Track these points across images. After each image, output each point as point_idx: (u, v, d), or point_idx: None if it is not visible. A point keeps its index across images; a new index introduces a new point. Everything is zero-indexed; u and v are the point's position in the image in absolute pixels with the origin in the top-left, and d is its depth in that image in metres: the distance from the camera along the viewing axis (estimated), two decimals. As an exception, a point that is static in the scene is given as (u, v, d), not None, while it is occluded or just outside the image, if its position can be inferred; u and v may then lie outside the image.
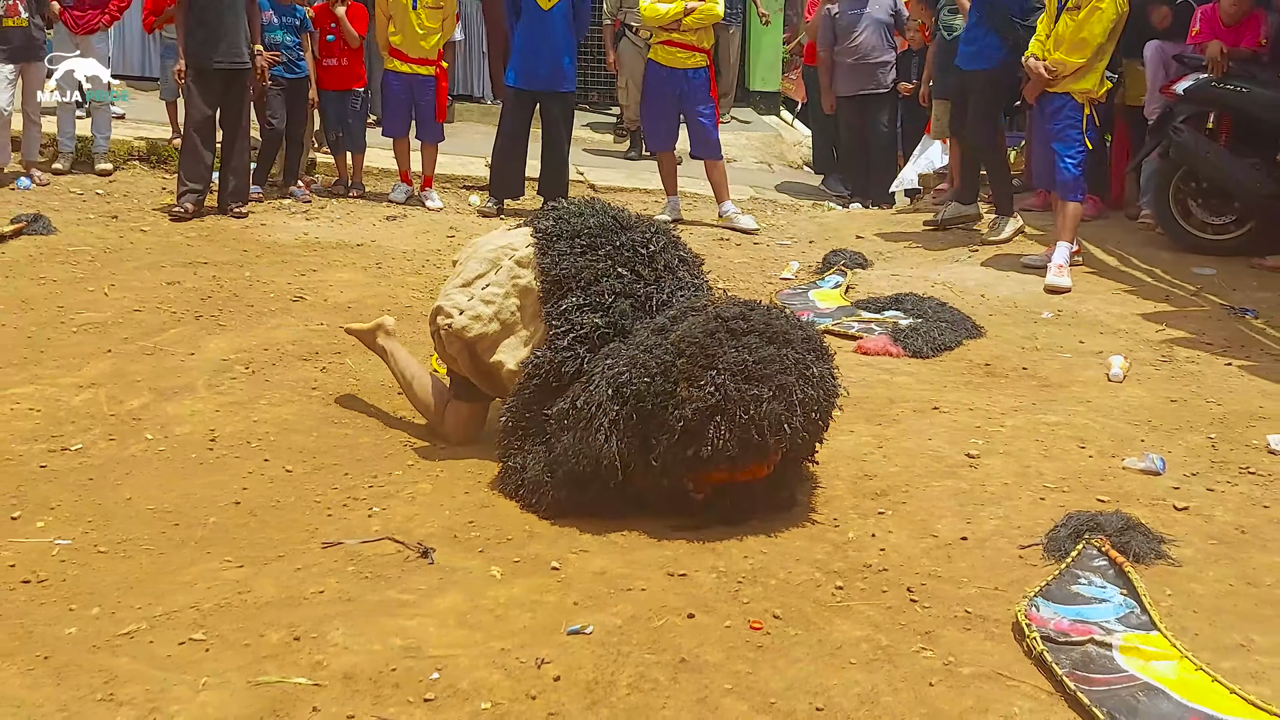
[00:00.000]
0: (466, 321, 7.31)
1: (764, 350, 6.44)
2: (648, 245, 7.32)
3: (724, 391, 6.30)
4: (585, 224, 7.37)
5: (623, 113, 19.52)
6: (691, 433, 6.37)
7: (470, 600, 5.93)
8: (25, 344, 9.47)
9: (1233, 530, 6.82)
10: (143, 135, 16.43)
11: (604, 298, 7.05)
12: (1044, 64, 11.86)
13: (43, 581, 6.06)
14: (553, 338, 7.08)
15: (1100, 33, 11.66)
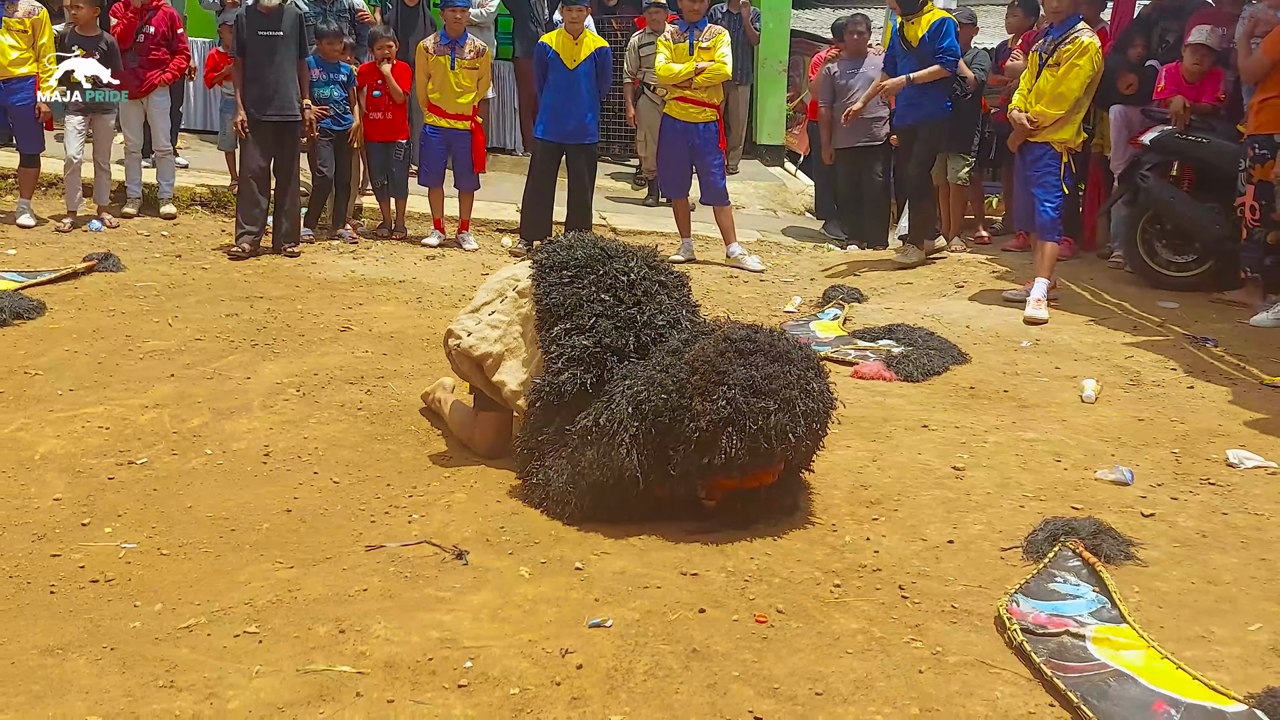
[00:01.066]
0: (474, 342, 7.55)
1: (769, 368, 6.52)
2: (629, 273, 7.40)
3: (735, 405, 6.37)
4: (574, 255, 7.52)
5: (641, 163, 19.50)
6: (706, 443, 6.43)
7: (501, 597, 5.97)
8: (96, 369, 9.48)
9: (1194, 535, 6.87)
10: (204, 182, 16.45)
11: (587, 320, 7.14)
12: (1026, 115, 11.93)
13: (110, 581, 6.09)
14: (549, 361, 7.20)
15: (1078, 88, 11.76)
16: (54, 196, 15.47)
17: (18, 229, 14.10)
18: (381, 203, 15.58)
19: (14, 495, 7.11)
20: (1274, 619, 5.87)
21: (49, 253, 13.10)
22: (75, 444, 7.93)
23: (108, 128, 14.69)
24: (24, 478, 7.37)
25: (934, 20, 13.86)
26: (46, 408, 8.59)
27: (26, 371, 9.35)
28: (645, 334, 7.16)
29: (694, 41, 13.83)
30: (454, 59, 14.65)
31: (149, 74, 15.07)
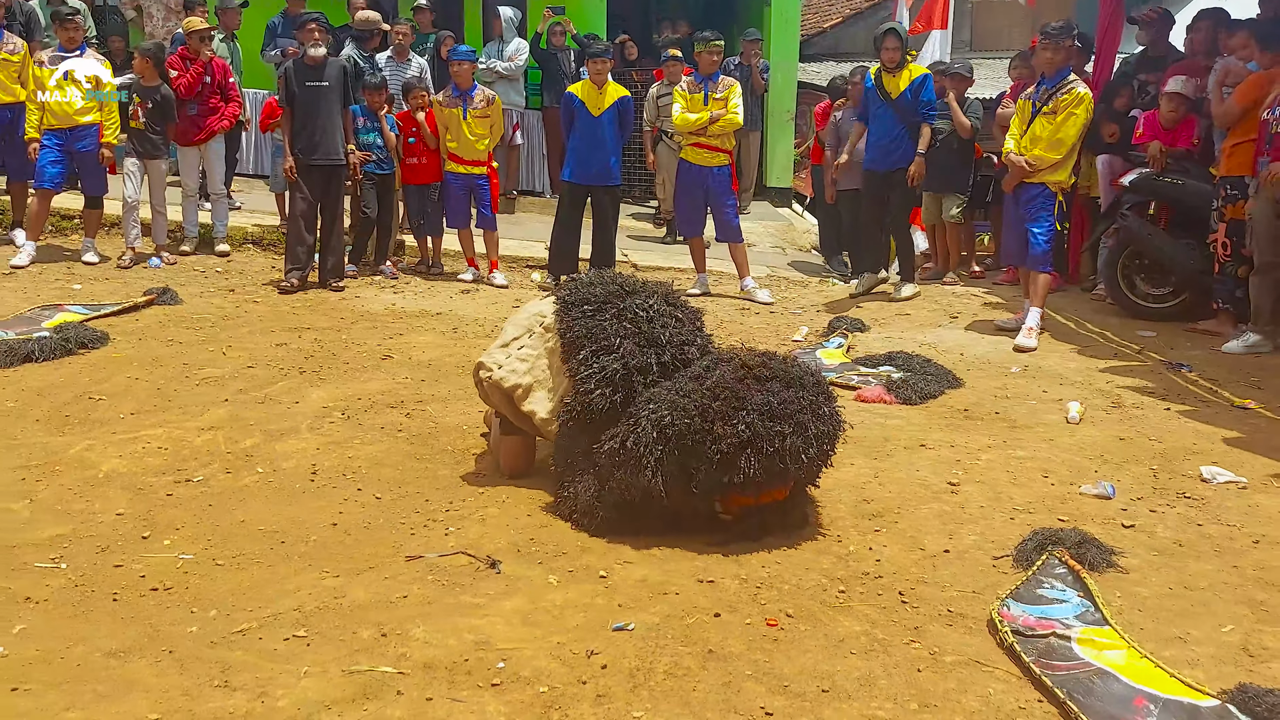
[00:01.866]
0: (504, 374, 7.57)
1: (784, 393, 6.65)
2: (647, 308, 7.42)
3: (753, 429, 6.47)
4: (594, 292, 7.58)
5: (660, 204, 19.57)
6: (727, 463, 6.48)
7: (531, 603, 5.99)
8: (156, 394, 9.49)
9: (1172, 544, 6.89)
10: (256, 222, 16.48)
11: (613, 342, 7.16)
12: (1024, 159, 11.92)
13: (169, 589, 6.11)
14: (578, 384, 7.19)
15: (1075, 135, 11.81)
16: (116, 236, 15.45)
17: (83, 266, 14.15)
18: (419, 241, 15.60)
19: (80, 510, 7.13)
20: (1245, 621, 5.92)
21: (112, 287, 13.13)
22: (136, 463, 7.96)
23: (160, 172, 14.71)
24: (89, 494, 7.39)
25: (915, 77, 14.00)
26: (110, 430, 8.61)
27: (91, 397, 9.37)
28: (668, 352, 7.21)
29: (708, 92, 13.89)
30: (465, 109, 14.69)
31: (206, 121, 15.10)
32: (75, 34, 14.22)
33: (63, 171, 14.30)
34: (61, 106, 14.03)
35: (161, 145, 14.65)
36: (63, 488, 7.48)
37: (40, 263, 14.05)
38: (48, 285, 13.11)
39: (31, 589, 6.05)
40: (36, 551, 6.52)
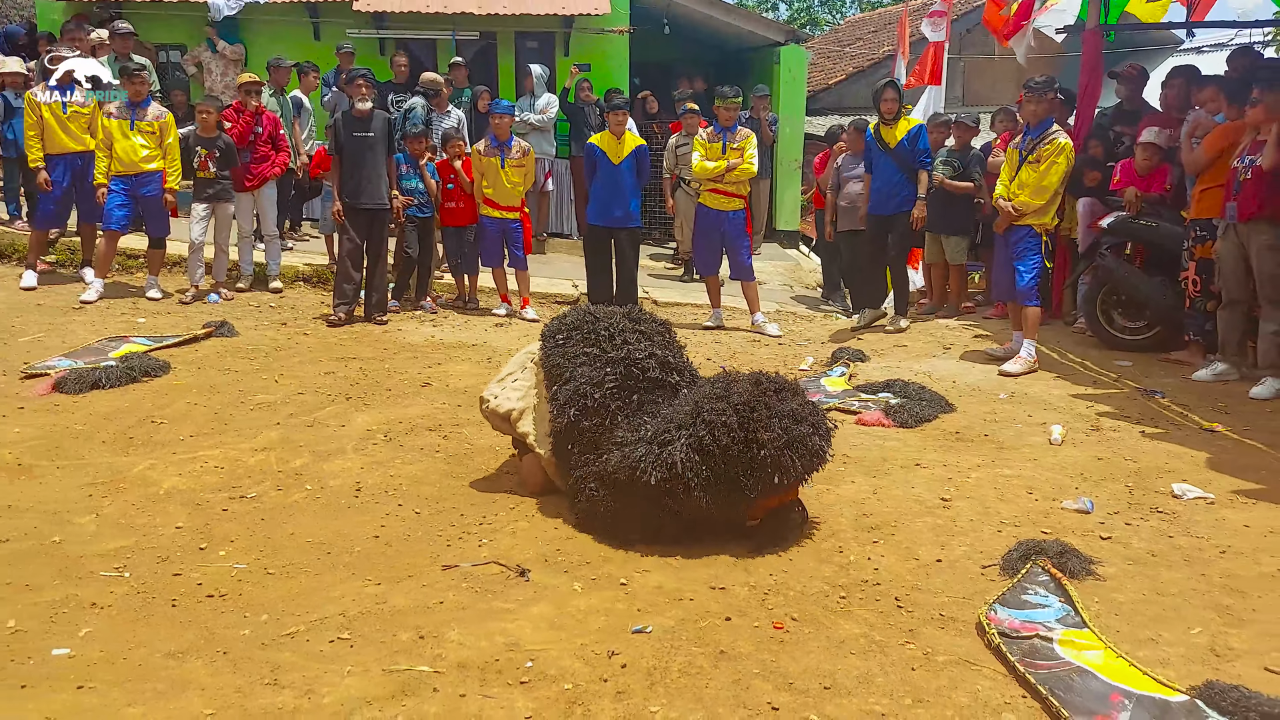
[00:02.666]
0: (500, 402, 7.96)
1: (796, 402, 6.98)
2: (609, 327, 7.82)
3: (789, 432, 6.74)
4: (566, 322, 8.03)
5: (678, 245, 19.59)
6: (775, 465, 6.71)
7: (557, 608, 6.02)
8: (213, 419, 9.52)
9: (1145, 554, 6.93)
10: (307, 261, 16.50)
11: (570, 371, 7.58)
12: (1011, 204, 12.03)
13: (223, 596, 6.14)
14: (553, 411, 7.54)
15: (1058, 181, 11.92)
16: (177, 273, 15.52)
17: (147, 301, 14.17)
18: (456, 279, 15.62)
19: (142, 524, 7.15)
20: (1212, 624, 5.97)
21: (173, 321, 13.15)
22: (195, 481, 7.99)
23: (227, 215, 14.77)
24: (151, 509, 7.42)
25: (911, 128, 14.15)
26: (170, 451, 8.64)
27: (154, 420, 9.40)
28: (621, 367, 7.50)
29: (726, 142, 13.91)
30: (503, 159, 14.70)
31: (258, 169, 15.16)
32: (141, 88, 14.26)
33: (129, 214, 14.34)
34: (128, 154, 14.06)
35: (227, 191, 14.70)
36: (127, 503, 7.51)
37: (107, 298, 14.08)
38: (114, 319, 13.15)
39: (97, 595, 6.08)
40: (101, 561, 6.55)
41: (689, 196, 18.14)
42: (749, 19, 24.98)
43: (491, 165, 14.73)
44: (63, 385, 10.11)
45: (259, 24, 20.65)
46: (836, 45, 36.42)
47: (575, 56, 21.47)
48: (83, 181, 14.52)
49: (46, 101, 14.29)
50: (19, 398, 9.88)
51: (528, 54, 21.62)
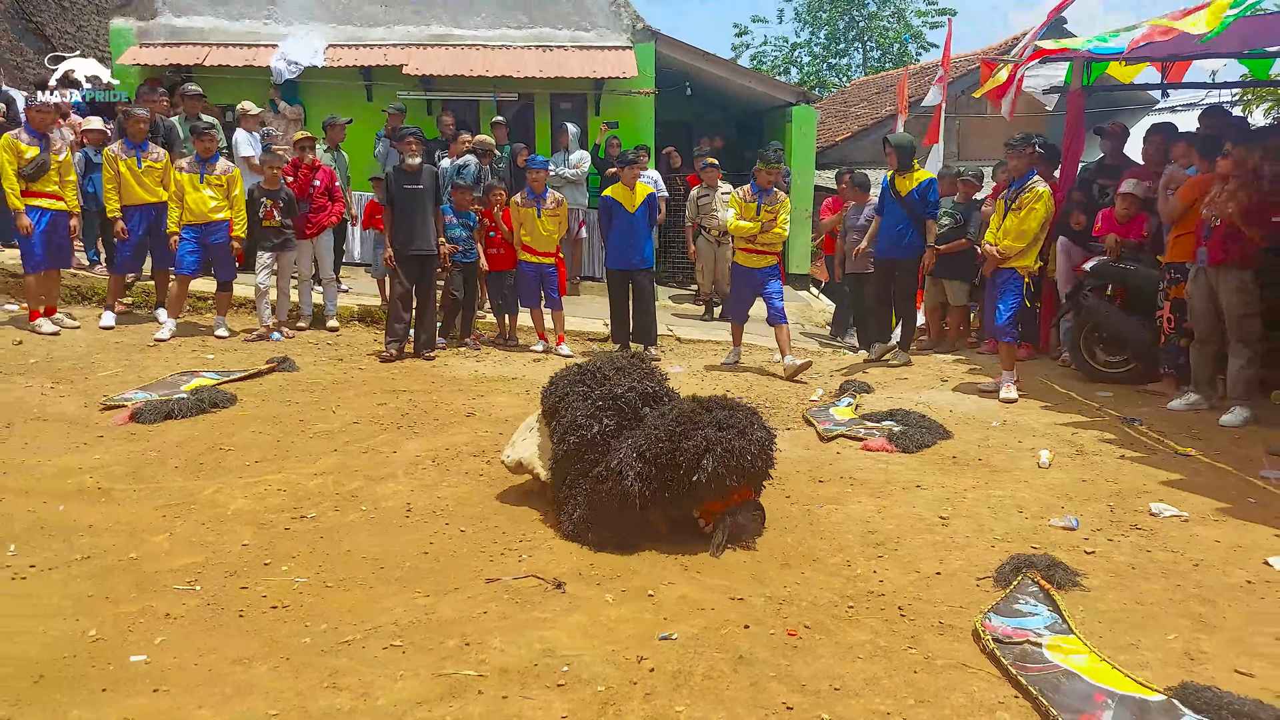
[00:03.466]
0: (514, 456, 8.28)
1: (724, 414, 7.38)
2: (596, 371, 8.21)
3: (708, 438, 7.07)
4: (560, 375, 8.37)
5: (699, 288, 19.66)
6: (691, 466, 7.02)
7: (590, 618, 6.04)
8: (276, 446, 9.54)
9: (1126, 567, 6.98)
10: (361, 303, 16.55)
11: (567, 415, 7.82)
12: (996, 248, 12.16)
13: (286, 607, 6.16)
14: (555, 441, 7.87)
15: (1036, 226, 12.06)
16: (243, 314, 15.63)
17: (215, 339, 14.22)
18: (498, 318, 15.66)
19: (212, 542, 7.18)
20: (1186, 631, 6.04)
21: (239, 357, 13.18)
22: (259, 503, 8.02)
23: (289, 261, 14.88)
24: (219, 529, 7.44)
25: (922, 180, 14.21)
26: (237, 475, 8.67)
27: (222, 448, 9.43)
28: (607, 400, 7.79)
29: (762, 204, 13.86)
30: (539, 209, 14.82)
31: (316, 218, 15.25)
32: (210, 144, 14.37)
33: (198, 260, 14.44)
34: (198, 205, 14.16)
35: (290, 240, 14.82)
36: (197, 523, 7.53)
37: (179, 337, 14.14)
38: (185, 355, 13.19)
39: (171, 607, 6.11)
40: (175, 576, 6.58)
41: (709, 243, 18.46)
42: (763, 82, 25.15)
43: (529, 215, 14.84)
44: (139, 416, 10.17)
45: (317, 86, 20.79)
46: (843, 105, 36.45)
47: (605, 115, 21.58)
48: (157, 230, 14.61)
49: (123, 157, 14.37)
50: (100, 427, 9.93)
51: (562, 113, 21.78)
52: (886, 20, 54.73)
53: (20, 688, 5.15)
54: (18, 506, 7.71)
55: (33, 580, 6.45)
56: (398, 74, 20.56)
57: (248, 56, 20.55)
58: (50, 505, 7.78)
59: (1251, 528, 7.74)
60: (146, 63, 20.33)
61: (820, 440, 10.29)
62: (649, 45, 21.54)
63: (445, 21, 21.41)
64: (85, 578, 6.50)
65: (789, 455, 9.52)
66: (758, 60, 57.52)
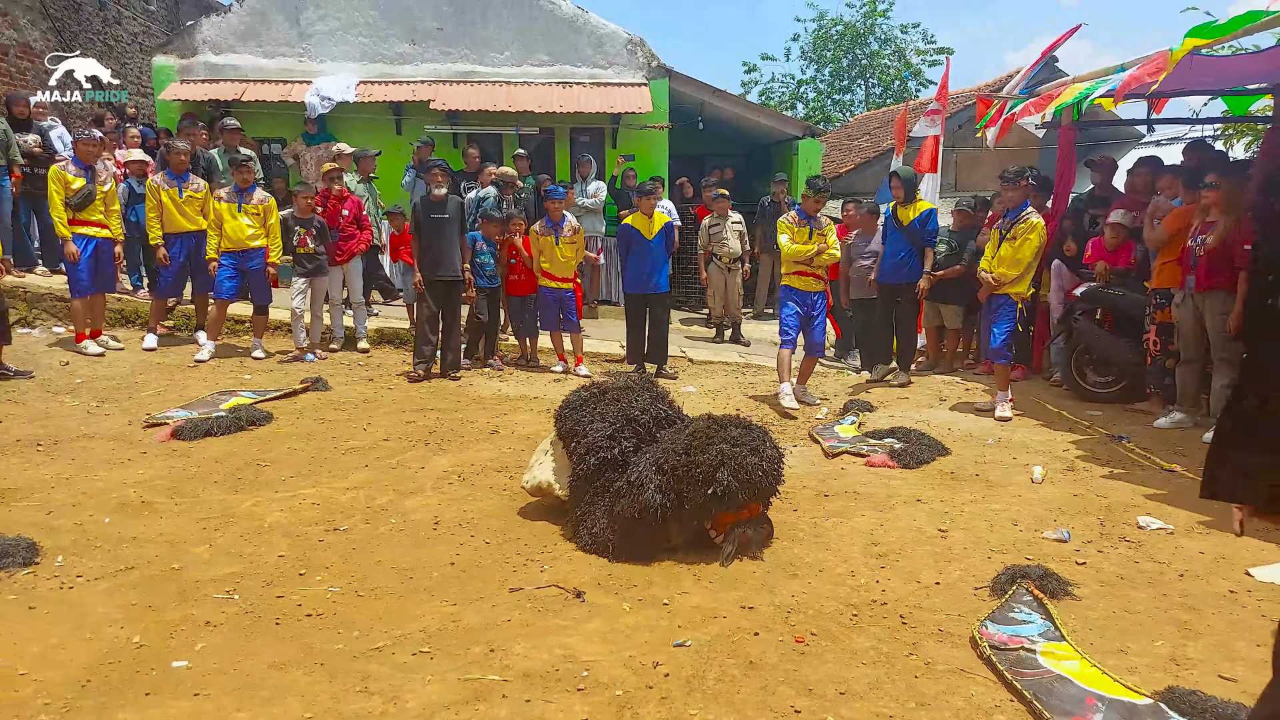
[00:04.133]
0: (530, 476, 8.32)
1: (738, 430, 7.46)
2: (605, 392, 8.31)
3: (723, 452, 7.14)
4: (573, 398, 8.39)
5: (711, 312, 19.66)
6: (707, 479, 7.09)
7: (608, 625, 6.06)
8: (310, 462, 9.56)
9: (1115, 577, 7.00)
10: (390, 326, 16.57)
11: (590, 426, 7.90)
12: (991, 275, 12.25)
13: (320, 615, 6.16)
14: (574, 460, 7.95)
15: (1029, 255, 12.13)
16: (278, 336, 15.71)
17: (252, 360, 14.28)
18: (519, 341, 15.68)
19: (249, 553, 7.19)
20: (1172, 637, 6.07)
21: (275, 378, 13.22)
22: (294, 516, 8.03)
23: (322, 286, 14.95)
24: (256, 541, 7.45)
25: (922, 210, 14.44)
26: (273, 490, 8.69)
27: (259, 464, 9.45)
28: (621, 420, 7.86)
29: (813, 229, 13.83)
30: (557, 236, 14.86)
31: (346, 246, 15.31)
32: (248, 175, 14.47)
33: (236, 285, 14.53)
34: (236, 233, 14.26)
35: (322, 266, 14.88)
36: (235, 535, 7.55)
37: (218, 358, 14.22)
38: (224, 375, 13.24)
39: (211, 615, 6.13)
40: (215, 585, 6.59)
41: (720, 270, 18.52)
42: (771, 116, 25.15)
43: (547, 242, 14.89)
44: (180, 433, 10.21)
45: (349, 121, 20.85)
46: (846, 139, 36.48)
47: (622, 148, 21.71)
48: (197, 257, 14.69)
49: (166, 188, 14.47)
50: (143, 444, 9.96)
51: (581, 146, 21.90)
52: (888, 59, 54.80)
53: (69, 694, 5.16)
54: (65, 519, 7.74)
55: (80, 590, 6.47)
56: (426, 109, 20.67)
57: (283, 92, 20.69)
58: (96, 518, 7.81)
59: (1233, 539, 7.73)
60: (187, 98, 20.42)
61: (825, 456, 10.30)
62: (663, 82, 21.66)
63: (471, 59, 21.52)
64: (130, 587, 6.52)
65: (796, 470, 9.58)
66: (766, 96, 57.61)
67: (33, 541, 7.09)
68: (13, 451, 9.53)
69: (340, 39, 21.42)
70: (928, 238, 14.40)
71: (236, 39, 21.31)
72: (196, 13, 29.04)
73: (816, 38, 56.22)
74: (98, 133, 14.45)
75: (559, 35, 21.65)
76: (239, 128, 17.55)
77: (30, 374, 12.50)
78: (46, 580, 6.60)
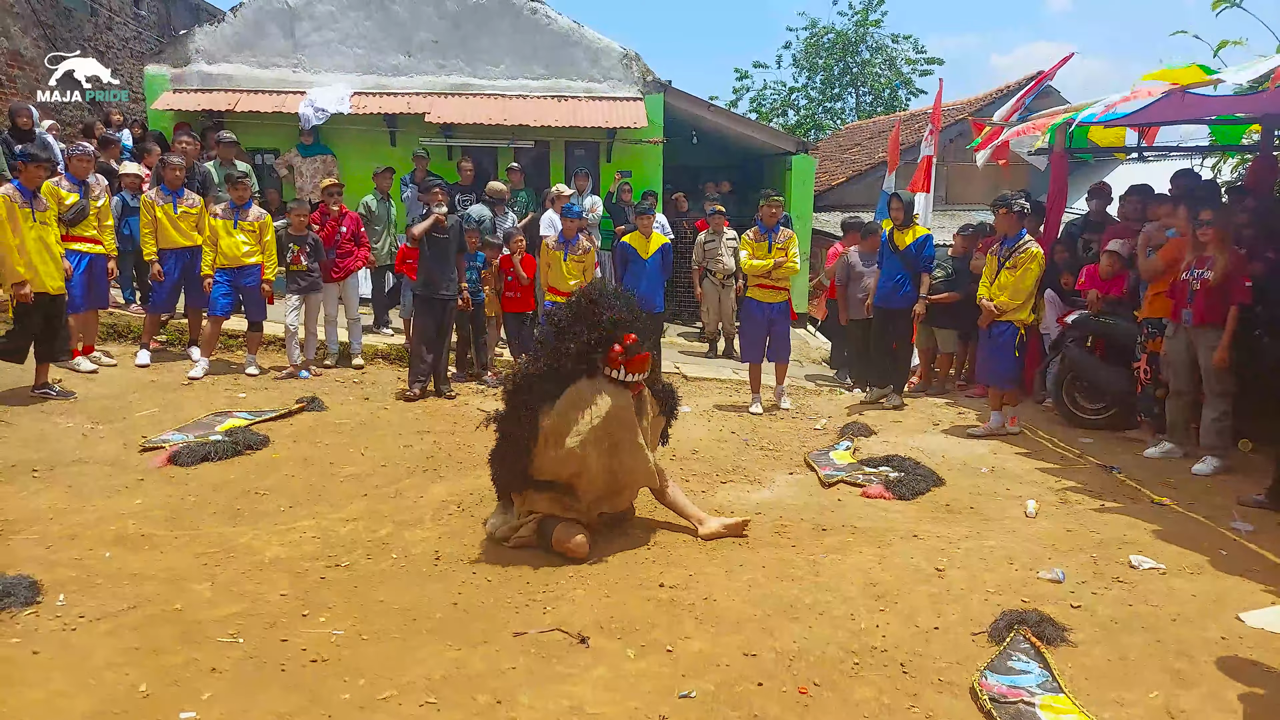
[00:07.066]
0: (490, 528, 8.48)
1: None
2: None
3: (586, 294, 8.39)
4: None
5: (705, 327, 19.70)
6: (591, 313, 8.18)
7: (613, 672, 6.06)
8: (308, 490, 9.59)
9: (1109, 621, 7.02)
10: (386, 342, 16.61)
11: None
12: (993, 304, 12.47)
13: (325, 660, 6.16)
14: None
15: (1032, 284, 12.36)
16: (272, 352, 15.75)
17: (246, 377, 14.32)
18: (515, 357, 15.70)
19: (250, 591, 7.18)
20: (1166, 686, 6.10)
21: (270, 396, 13.25)
22: (294, 550, 8.03)
23: (316, 302, 15.03)
24: (257, 577, 7.45)
25: (919, 235, 14.50)
26: (272, 521, 8.70)
27: (257, 492, 9.47)
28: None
29: (771, 241, 13.99)
30: (567, 252, 14.91)
31: (343, 263, 15.35)
32: (244, 192, 14.54)
33: (231, 302, 14.62)
34: (231, 250, 14.32)
35: (316, 282, 14.95)
36: (236, 571, 7.54)
37: (212, 374, 14.25)
38: (219, 394, 13.26)
39: (215, 660, 6.11)
40: (217, 627, 6.58)
41: (714, 285, 18.63)
42: (764, 131, 25.28)
43: (556, 257, 14.99)
44: (177, 458, 10.21)
45: (343, 132, 20.93)
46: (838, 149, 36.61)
47: (617, 162, 21.89)
48: (191, 273, 14.74)
49: (160, 203, 14.55)
50: (139, 469, 9.97)
51: (576, 160, 22.00)
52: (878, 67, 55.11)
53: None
54: (65, 553, 7.74)
55: (82, 632, 6.45)
56: (420, 121, 20.74)
57: (276, 103, 20.74)
58: (96, 552, 7.80)
59: (1223, 579, 7.83)
60: (180, 108, 20.48)
61: (822, 486, 10.32)
62: (658, 96, 21.75)
63: (466, 72, 21.59)
64: (131, 629, 6.51)
65: (793, 502, 9.68)
66: (758, 103, 57.87)
67: (34, 580, 7.07)
68: (9, 478, 9.52)
69: (335, 50, 21.49)
70: (924, 263, 14.46)
71: (230, 49, 21.36)
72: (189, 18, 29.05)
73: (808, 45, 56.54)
74: (89, 146, 14.44)
75: (555, 49, 21.75)
76: (234, 141, 17.60)
77: (73, 395, 12.50)
78: (48, 621, 6.59)
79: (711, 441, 12.17)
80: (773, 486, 10.31)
